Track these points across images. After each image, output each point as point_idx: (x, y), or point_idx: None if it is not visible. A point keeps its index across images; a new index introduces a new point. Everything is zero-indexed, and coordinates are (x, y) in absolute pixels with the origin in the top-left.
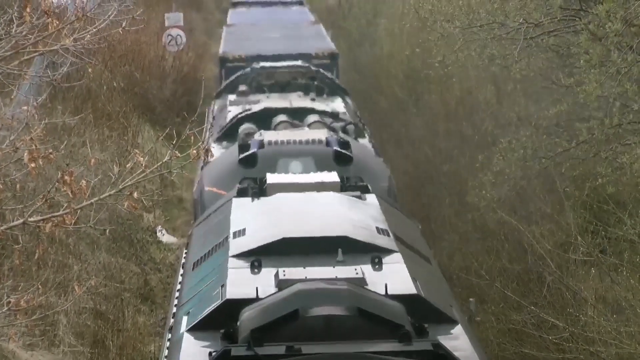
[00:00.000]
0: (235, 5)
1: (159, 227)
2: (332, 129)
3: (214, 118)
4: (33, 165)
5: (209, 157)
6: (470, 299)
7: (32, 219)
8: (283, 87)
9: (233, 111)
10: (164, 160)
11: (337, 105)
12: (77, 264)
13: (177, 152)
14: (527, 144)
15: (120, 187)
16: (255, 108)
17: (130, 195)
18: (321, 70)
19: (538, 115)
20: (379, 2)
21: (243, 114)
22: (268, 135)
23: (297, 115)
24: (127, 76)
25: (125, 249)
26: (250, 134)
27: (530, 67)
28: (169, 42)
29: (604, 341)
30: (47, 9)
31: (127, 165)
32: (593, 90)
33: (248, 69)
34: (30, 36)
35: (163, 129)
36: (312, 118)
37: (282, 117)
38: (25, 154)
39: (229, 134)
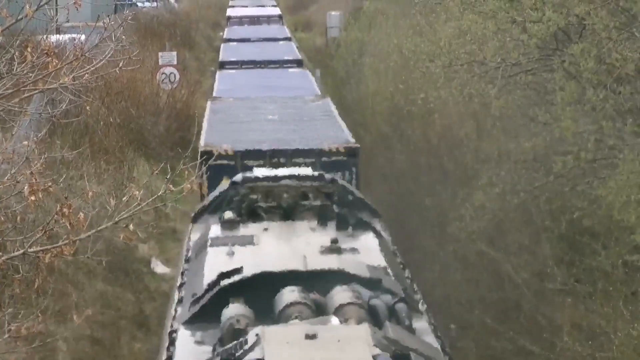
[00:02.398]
0: (223, 66)
1: (154, 258)
2: (373, 312)
3: (187, 260)
4: (33, 198)
5: None
6: (452, 325)
7: (32, 250)
8: (288, 212)
9: (213, 260)
10: (158, 194)
11: (370, 246)
12: (75, 292)
13: (171, 185)
14: (506, 178)
15: (117, 219)
16: (248, 269)
17: (126, 227)
18: (344, 183)
19: (516, 150)
20: (364, 42)
21: (228, 283)
22: (272, 351)
23: (317, 283)
24: (123, 112)
25: (121, 278)
26: (239, 331)
27: (509, 104)
28: (163, 80)
29: None
30: (47, 49)
31: (123, 198)
32: (569, 126)
33: (239, 177)
34: (30, 74)
35: (157, 163)
36: (341, 296)
37: (292, 296)
38: (26, 187)
39: (207, 311)
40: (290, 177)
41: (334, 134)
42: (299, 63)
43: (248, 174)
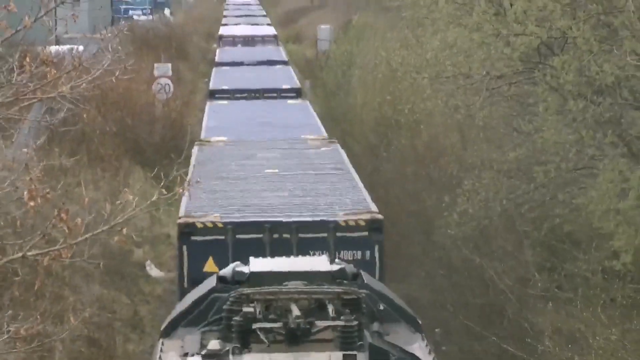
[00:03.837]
0: (213, 95)
1: (148, 262)
2: None
3: None
4: (32, 203)
5: None
6: (436, 329)
7: (30, 253)
8: (297, 336)
9: None
10: (152, 199)
11: None
12: (73, 295)
13: (164, 191)
14: (489, 186)
15: (112, 224)
16: None
17: (121, 232)
18: (373, 283)
19: (500, 159)
20: (353, 54)
21: None
22: None
23: None
24: (119, 121)
25: (116, 281)
26: None
27: (493, 115)
28: (158, 90)
29: None
30: (46, 59)
31: (118, 204)
32: (551, 136)
33: (229, 271)
34: (30, 84)
35: (152, 170)
36: None
37: None
38: (25, 193)
39: None
40: (300, 274)
41: (351, 199)
42: (298, 92)
43: (241, 269)
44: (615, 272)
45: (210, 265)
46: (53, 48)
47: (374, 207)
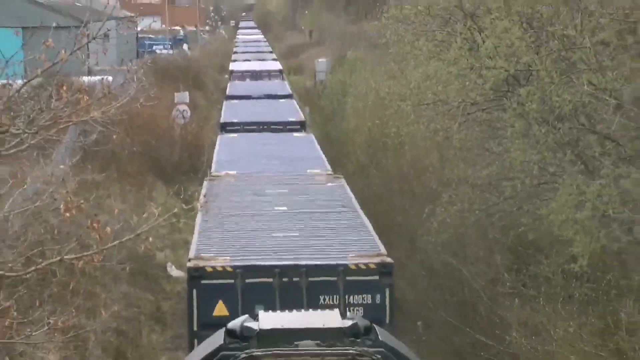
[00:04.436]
0: (224, 128)
1: (169, 264)
2: None
3: None
4: (68, 214)
5: None
6: (418, 322)
7: (67, 257)
8: None
9: None
10: (173, 211)
11: None
12: (103, 292)
13: (183, 204)
14: (464, 199)
15: (138, 232)
16: None
17: (146, 239)
18: (388, 341)
19: (473, 176)
20: (346, 84)
21: None
22: None
23: None
24: (143, 142)
25: (141, 281)
26: None
27: (467, 137)
28: (177, 116)
29: (526, 357)
30: (80, 88)
31: (143, 215)
32: (517, 156)
33: (237, 325)
34: (65, 109)
35: (172, 185)
36: None
37: None
38: (62, 204)
39: None
40: (311, 332)
41: (360, 240)
42: (302, 125)
43: (250, 324)
44: (573, 273)
45: (219, 309)
46: (85, 78)
47: (383, 250)
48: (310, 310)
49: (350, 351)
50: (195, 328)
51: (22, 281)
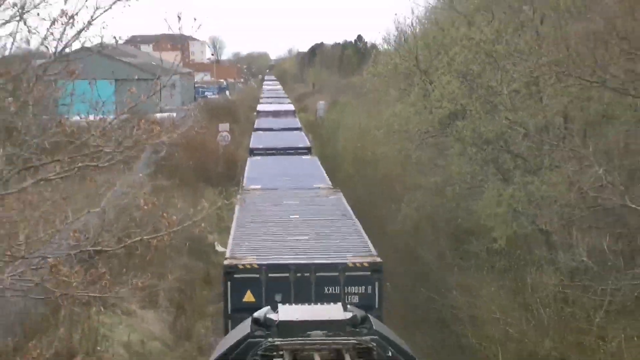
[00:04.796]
0: (252, 152)
1: (216, 242)
2: None
3: None
4: (146, 207)
5: None
6: (387, 283)
7: (145, 237)
8: None
9: None
10: (218, 205)
11: None
12: (170, 262)
13: (225, 200)
14: (420, 199)
15: (194, 220)
16: None
17: (200, 225)
18: (381, 329)
19: (426, 183)
20: (338, 119)
21: None
22: None
23: None
24: (197, 159)
25: (196, 254)
26: None
27: (422, 155)
28: (220, 139)
29: (462, 309)
30: (153, 121)
31: (198, 208)
32: (456, 169)
33: (262, 315)
34: (144, 135)
35: (217, 188)
36: None
37: None
38: (141, 201)
39: None
40: (320, 323)
41: (356, 243)
42: (309, 150)
43: (271, 316)
44: (494, 250)
45: (248, 297)
46: (158, 114)
47: (374, 251)
48: (319, 304)
49: (352, 341)
50: (229, 312)
51: (114, 255)
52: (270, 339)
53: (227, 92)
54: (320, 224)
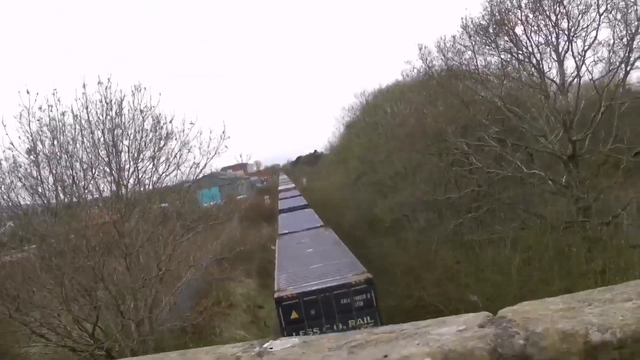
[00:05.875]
0: (281, 211)
1: (272, 246)
2: None
3: None
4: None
5: None
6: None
7: (242, 248)
8: None
9: None
10: (269, 233)
11: None
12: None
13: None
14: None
15: (261, 240)
16: None
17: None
18: None
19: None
20: (313, 185)
21: None
22: None
23: None
24: (257, 211)
25: (262, 250)
26: None
27: (349, 194)
28: (265, 200)
29: (440, 274)
30: (237, 201)
31: (261, 232)
32: (363, 196)
33: None
34: (233, 207)
35: (269, 223)
36: None
37: None
38: (237, 234)
39: None
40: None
41: (351, 265)
42: (307, 206)
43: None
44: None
45: (294, 315)
46: (238, 197)
47: (365, 270)
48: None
49: None
50: (283, 326)
51: (228, 259)
52: None
53: (264, 182)
54: (324, 253)
